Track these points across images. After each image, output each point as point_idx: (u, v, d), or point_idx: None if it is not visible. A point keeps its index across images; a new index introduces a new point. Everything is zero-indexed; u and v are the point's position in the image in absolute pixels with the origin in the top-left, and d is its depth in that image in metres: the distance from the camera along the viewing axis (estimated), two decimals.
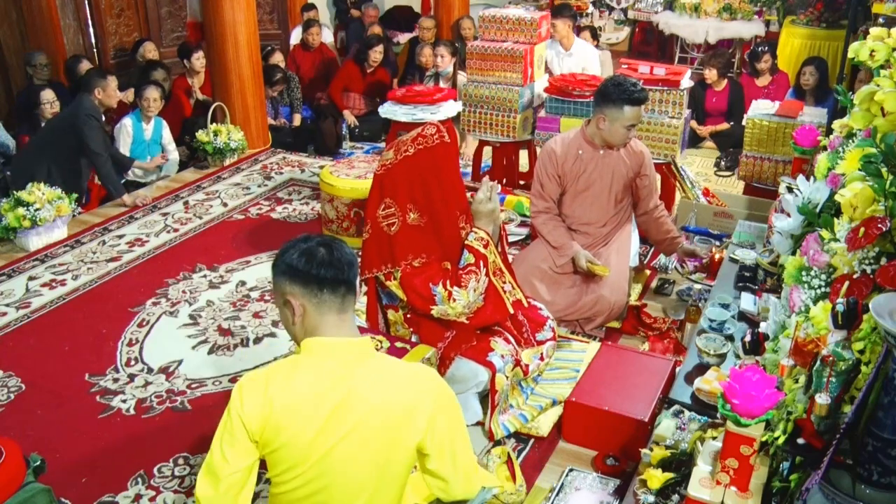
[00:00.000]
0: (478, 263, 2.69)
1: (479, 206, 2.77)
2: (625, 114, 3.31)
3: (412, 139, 2.69)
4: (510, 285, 2.91)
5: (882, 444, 1.40)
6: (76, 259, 4.20)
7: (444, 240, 2.72)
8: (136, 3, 7.21)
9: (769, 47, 6.59)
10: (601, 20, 9.32)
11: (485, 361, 2.75)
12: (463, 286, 2.65)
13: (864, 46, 2.30)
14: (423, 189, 2.67)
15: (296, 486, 1.72)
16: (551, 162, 3.54)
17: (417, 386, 1.76)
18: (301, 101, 6.51)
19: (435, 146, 2.67)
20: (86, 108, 4.52)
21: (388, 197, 2.70)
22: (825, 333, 1.74)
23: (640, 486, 2.11)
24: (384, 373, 1.75)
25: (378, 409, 1.69)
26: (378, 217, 2.71)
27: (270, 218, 4.78)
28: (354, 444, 1.68)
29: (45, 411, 2.98)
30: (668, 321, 3.50)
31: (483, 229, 2.76)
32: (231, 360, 3.30)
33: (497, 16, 4.88)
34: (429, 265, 2.68)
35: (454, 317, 2.70)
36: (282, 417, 1.66)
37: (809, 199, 2.63)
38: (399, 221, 2.68)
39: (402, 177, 2.67)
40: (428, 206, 2.69)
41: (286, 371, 1.72)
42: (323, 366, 1.71)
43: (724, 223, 4.30)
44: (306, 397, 1.68)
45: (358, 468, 1.70)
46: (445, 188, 2.69)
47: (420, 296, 2.67)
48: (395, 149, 2.73)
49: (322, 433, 1.67)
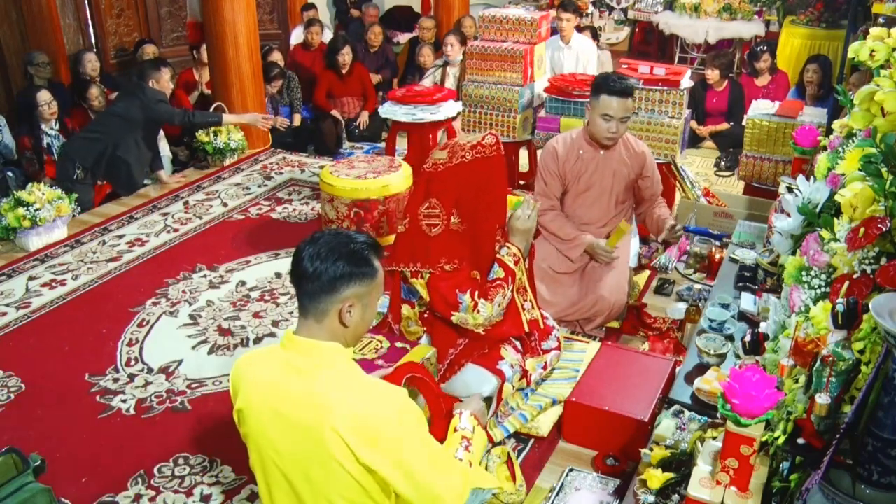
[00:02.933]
0: (506, 279, 2.68)
1: (517, 222, 2.76)
2: (600, 102, 3.32)
3: (471, 146, 2.67)
4: (530, 304, 2.90)
5: (882, 444, 1.40)
6: (76, 259, 4.20)
7: (478, 249, 2.72)
8: (136, 3, 7.20)
9: (768, 47, 6.60)
10: (601, 20, 9.32)
11: (495, 370, 2.75)
12: (489, 299, 2.64)
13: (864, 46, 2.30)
14: (472, 197, 2.66)
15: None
16: (553, 160, 3.54)
17: (378, 403, 1.67)
18: (301, 100, 6.51)
19: (492, 157, 2.66)
20: (151, 96, 4.82)
21: (434, 197, 2.68)
22: (825, 333, 1.74)
23: (640, 486, 2.11)
24: (348, 383, 1.70)
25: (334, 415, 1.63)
26: (420, 214, 2.69)
27: (270, 218, 4.78)
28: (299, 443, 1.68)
29: (45, 411, 2.98)
30: (668, 321, 3.50)
31: (516, 245, 2.76)
32: (231, 360, 3.30)
33: (497, 16, 4.88)
34: (459, 272, 2.68)
35: (472, 327, 2.70)
36: (244, 395, 1.76)
37: (809, 199, 2.63)
38: (442, 224, 2.67)
39: (454, 181, 2.65)
40: (471, 215, 2.68)
41: (264, 355, 1.81)
42: (290, 358, 1.74)
43: (724, 223, 4.30)
44: (264, 383, 1.74)
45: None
46: (492, 200, 2.69)
47: (444, 300, 2.67)
48: (449, 151, 2.70)
49: (272, 424, 1.71)
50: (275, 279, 3.98)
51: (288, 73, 6.46)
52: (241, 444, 2.77)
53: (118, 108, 4.86)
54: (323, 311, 1.71)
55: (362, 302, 1.74)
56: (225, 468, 2.66)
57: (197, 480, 2.62)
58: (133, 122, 4.78)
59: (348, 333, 1.75)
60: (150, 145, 5.05)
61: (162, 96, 4.89)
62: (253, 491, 2.56)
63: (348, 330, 1.74)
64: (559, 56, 6.05)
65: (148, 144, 5.00)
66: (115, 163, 4.83)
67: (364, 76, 6.72)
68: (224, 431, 2.82)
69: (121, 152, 4.80)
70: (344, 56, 6.41)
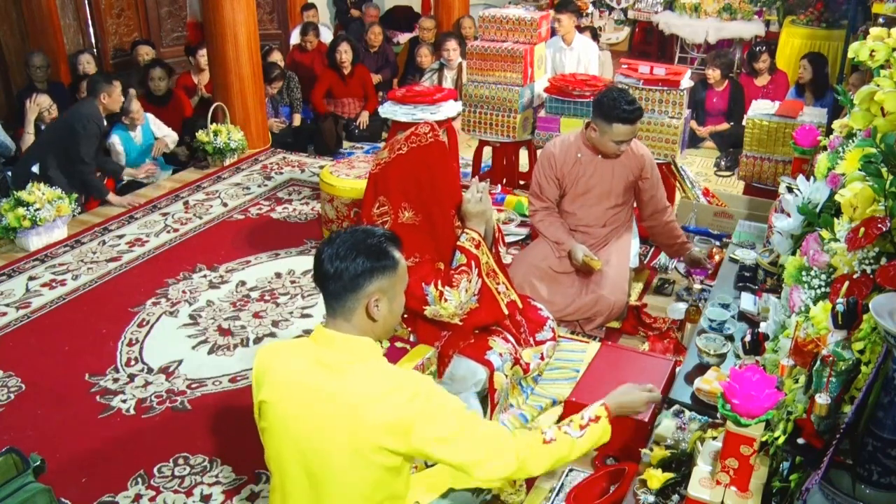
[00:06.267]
0: (469, 264, 2.68)
1: (469, 206, 2.75)
2: (613, 130, 3.32)
3: (406, 137, 2.70)
4: (504, 286, 2.89)
5: (882, 444, 1.40)
6: (76, 259, 4.20)
7: (439, 239, 2.72)
8: (136, 3, 7.20)
9: (767, 47, 6.60)
10: (601, 20, 9.32)
11: (483, 360, 2.75)
12: (454, 286, 2.63)
13: (864, 46, 2.30)
14: (417, 187, 2.67)
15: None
16: (550, 165, 3.55)
17: (405, 394, 1.70)
18: (301, 100, 6.51)
19: (429, 145, 2.66)
20: (87, 113, 4.58)
21: (381, 195, 2.70)
22: (825, 333, 1.74)
23: (640, 486, 2.11)
24: (378, 377, 1.73)
25: (364, 411, 1.67)
26: (373, 216, 2.71)
27: (270, 218, 4.78)
28: (328, 437, 1.70)
29: (45, 411, 2.98)
30: (668, 321, 3.50)
31: (474, 230, 2.74)
32: (231, 360, 3.30)
33: (497, 16, 4.88)
34: (421, 265, 2.67)
35: (447, 318, 2.69)
36: (271, 387, 1.76)
37: (809, 199, 2.63)
38: (391, 220, 2.68)
39: (395, 175, 2.68)
40: (422, 205, 2.68)
41: (293, 347, 1.83)
42: (321, 353, 1.74)
43: (724, 223, 4.30)
44: (295, 378, 1.74)
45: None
46: (439, 187, 2.69)
47: (413, 295, 2.65)
48: (389, 147, 2.73)
49: (299, 418, 1.72)
50: (275, 279, 3.98)
51: (288, 73, 6.46)
52: (241, 445, 2.76)
53: (58, 123, 4.70)
54: (350, 309, 1.73)
55: (388, 295, 1.76)
56: (225, 468, 2.66)
57: (197, 480, 2.62)
58: (65, 136, 4.55)
59: (378, 327, 1.78)
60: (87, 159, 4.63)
61: (97, 118, 4.60)
62: (253, 491, 2.56)
63: (378, 324, 1.77)
64: (560, 57, 6.05)
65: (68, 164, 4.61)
66: (63, 174, 4.58)
67: (365, 77, 6.71)
68: (224, 431, 2.83)
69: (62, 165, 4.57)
70: (342, 53, 6.41)
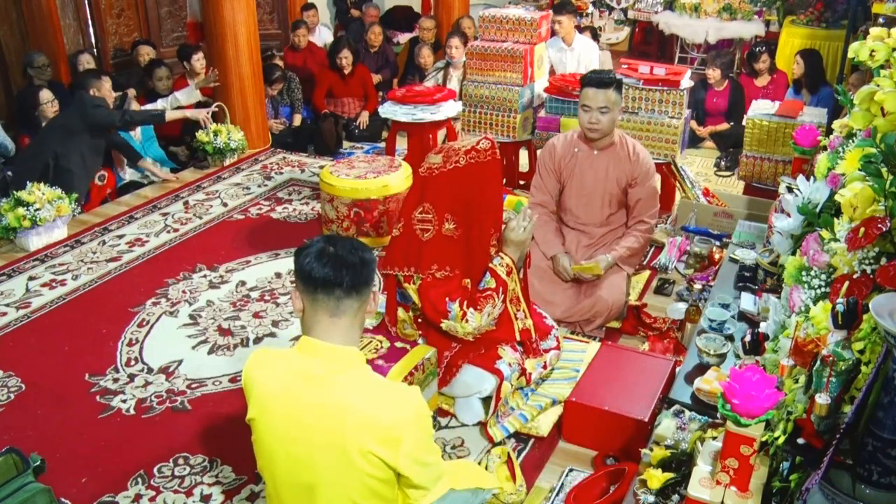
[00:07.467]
0: (497, 289, 2.67)
1: (511, 233, 2.74)
2: (581, 95, 3.44)
3: (465, 150, 2.65)
4: (524, 313, 2.88)
5: (882, 444, 1.40)
6: (76, 259, 4.20)
7: (472, 256, 2.71)
8: (136, 3, 7.21)
9: (767, 47, 6.60)
10: (601, 20, 9.32)
11: (493, 369, 2.74)
12: (479, 310, 2.63)
13: (864, 46, 2.30)
14: (466, 202, 2.64)
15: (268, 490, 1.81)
16: (550, 156, 3.61)
17: (397, 406, 1.71)
18: (301, 101, 6.51)
19: (487, 162, 2.64)
20: (89, 101, 4.66)
21: (428, 202, 2.67)
22: (825, 333, 1.74)
23: (640, 486, 2.11)
24: (366, 386, 1.73)
25: (353, 420, 1.67)
26: (413, 218, 2.69)
27: (270, 218, 4.78)
28: (317, 449, 1.70)
29: (45, 411, 2.98)
30: (668, 321, 3.50)
31: (509, 255, 2.74)
32: (231, 360, 3.30)
33: (497, 16, 4.88)
34: (450, 280, 2.67)
35: (461, 335, 2.69)
36: (256, 403, 1.76)
37: (809, 199, 2.63)
38: (434, 229, 2.66)
39: (448, 186, 2.64)
40: (465, 220, 2.66)
41: (277, 359, 1.81)
42: (306, 365, 1.73)
43: (724, 223, 4.30)
44: (278, 392, 1.73)
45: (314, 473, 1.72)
46: (486, 206, 2.67)
47: (434, 307, 2.66)
48: (444, 155, 2.68)
49: (287, 432, 1.72)
50: (275, 279, 3.98)
51: (288, 74, 6.47)
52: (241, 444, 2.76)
53: (59, 120, 4.74)
54: (352, 313, 1.76)
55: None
56: (225, 468, 2.66)
57: (197, 480, 2.62)
58: (74, 130, 4.58)
59: (361, 328, 1.83)
60: (97, 153, 4.81)
61: (100, 101, 4.74)
62: (253, 491, 2.56)
63: (362, 324, 1.82)
64: (561, 57, 6.04)
65: (94, 152, 4.77)
66: (58, 173, 4.60)
67: (366, 77, 6.72)
68: (224, 431, 2.83)
69: (64, 162, 4.59)
70: (342, 59, 6.44)
